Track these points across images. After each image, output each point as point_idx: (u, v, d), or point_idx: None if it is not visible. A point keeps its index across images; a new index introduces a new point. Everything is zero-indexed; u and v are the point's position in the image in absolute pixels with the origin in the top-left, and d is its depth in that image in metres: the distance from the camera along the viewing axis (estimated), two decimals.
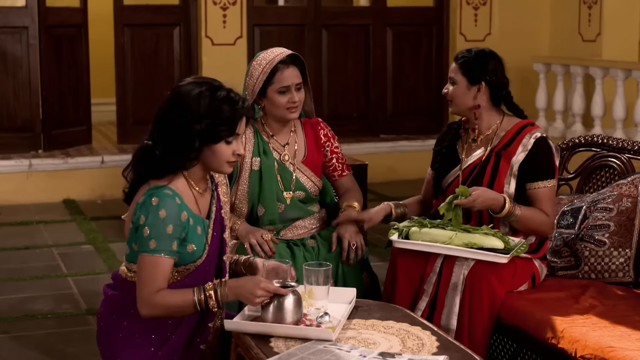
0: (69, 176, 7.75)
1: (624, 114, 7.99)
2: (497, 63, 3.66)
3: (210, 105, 2.87)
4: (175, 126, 2.87)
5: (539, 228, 3.58)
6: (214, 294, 2.86)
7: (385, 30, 9.16)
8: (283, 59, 3.71)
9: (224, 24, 8.47)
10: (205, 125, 2.86)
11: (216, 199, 3.04)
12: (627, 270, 3.65)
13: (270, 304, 2.88)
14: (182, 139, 2.86)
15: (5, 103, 7.93)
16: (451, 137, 3.79)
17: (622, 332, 3.12)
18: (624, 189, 3.75)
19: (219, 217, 3.04)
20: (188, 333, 3.00)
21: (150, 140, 2.91)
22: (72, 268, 5.77)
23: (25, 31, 7.89)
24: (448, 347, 2.77)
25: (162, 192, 2.85)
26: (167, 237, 2.84)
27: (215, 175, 3.08)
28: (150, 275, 2.84)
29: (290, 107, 3.72)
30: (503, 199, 3.51)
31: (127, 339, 2.97)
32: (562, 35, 9.19)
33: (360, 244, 3.72)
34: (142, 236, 2.85)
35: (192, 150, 2.88)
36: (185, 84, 2.94)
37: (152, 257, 2.84)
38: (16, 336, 4.58)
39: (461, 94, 3.65)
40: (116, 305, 3.01)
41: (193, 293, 2.86)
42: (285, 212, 3.79)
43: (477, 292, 3.40)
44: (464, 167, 3.68)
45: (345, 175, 3.94)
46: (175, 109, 2.88)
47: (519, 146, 3.60)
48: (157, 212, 2.83)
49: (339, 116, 8.81)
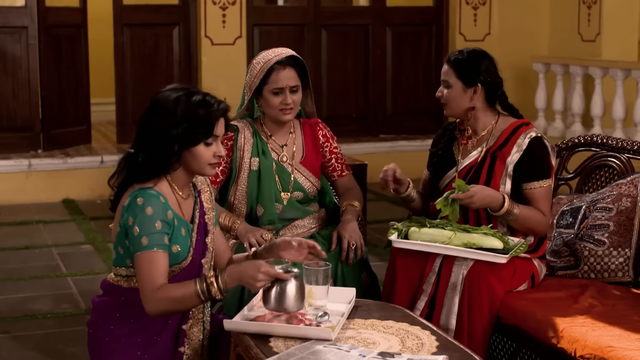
0: (68, 176, 7.75)
1: (623, 114, 7.99)
2: (490, 63, 3.65)
3: (186, 109, 2.92)
4: (155, 132, 2.94)
5: (536, 227, 3.58)
6: (215, 281, 2.87)
7: (384, 30, 9.16)
8: (281, 59, 3.70)
9: (223, 24, 8.47)
10: (182, 130, 2.92)
11: (199, 205, 3.08)
12: (626, 270, 3.65)
13: (272, 289, 2.88)
14: (162, 144, 2.93)
15: (4, 103, 7.93)
16: (447, 139, 3.78)
17: (622, 332, 3.12)
18: (623, 189, 3.75)
19: (203, 222, 3.08)
20: (173, 336, 3.01)
21: (133, 147, 2.98)
22: (72, 268, 5.77)
23: (25, 31, 7.89)
24: (447, 347, 2.77)
25: (146, 192, 2.91)
26: (157, 233, 2.87)
27: (197, 184, 3.12)
28: (149, 272, 2.86)
29: (283, 109, 3.72)
30: (502, 197, 3.51)
31: (114, 343, 2.98)
32: (562, 35, 9.19)
33: (359, 244, 3.72)
34: (133, 236, 2.88)
35: (173, 155, 2.94)
36: (164, 90, 3.00)
37: (146, 254, 2.87)
38: (16, 336, 4.58)
39: (456, 96, 3.64)
40: (103, 310, 3.03)
41: (195, 283, 2.87)
42: (283, 212, 3.79)
43: (477, 292, 3.40)
44: (460, 169, 3.68)
45: (345, 175, 3.94)
46: (154, 115, 2.95)
47: (513, 146, 3.59)
48: (143, 210, 2.87)
49: (338, 116, 8.81)
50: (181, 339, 3.03)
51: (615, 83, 8.02)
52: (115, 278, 3.03)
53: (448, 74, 3.64)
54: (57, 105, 8.09)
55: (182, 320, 3.02)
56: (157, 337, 2.98)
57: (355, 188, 3.94)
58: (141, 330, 2.98)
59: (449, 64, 3.64)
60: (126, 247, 2.96)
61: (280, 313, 2.91)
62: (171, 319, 3.00)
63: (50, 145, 8.05)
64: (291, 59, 3.74)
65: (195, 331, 3.05)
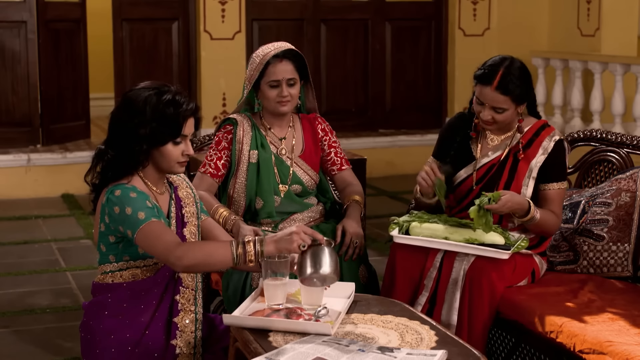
0: (67, 171, 7.75)
1: (622, 109, 8.00)
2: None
3: (155, 109, 2.94)
4: (124, 130, 2.97)
5: (549, 229, 3.58)
6: (253, 244, 2.87)
7: (384, 25, 9.15)
8: (278, 53, 3.71)
9: (222, 19, 8.47)
10: (150, 129, 2.94)
11: (175, 200, 3.10)
12: (625, 265, 3.65)
13: (307, 253, 2.88)
14: (131, 142, 2.96)
15: (3, 98, 7.93)
16: (464, 134, 3.70)
17: (621, 327, 3.12)
18: (622, 184, 3.75)
19: (179, 215, 3.09)
20: (164, 329, 3.01)
21: (104, 143, 3.02)
22: (71, 262, 5.77)
23: (24, 25, 7.88)
24: (447, 342, 2.77)
25: (122, 186, 2.95)
26: (149, 208, 2.90)
27: (175, 180, 3.14)
28: (161, 240, 2.86)
29: (280, 101, 3.73)
30: (528, 204, 3.49)
31: (103, 341, 2.98)
32: (561, 30, 9.19)
33: (360, 243, 3.72)
34: (127, 217, 2.89)
35: (141, 153, 2.96)
36: (136, 88, 3.02)
37: (148, 226, 2.87)
38: (15, 330, 4.58)
39: (510, 116, 3.55)
40: (92, 311, 3.04)
41: (230, 243, 2.88)
42: (281, 205, 3.79)
43: (477, 288, 3.40)
44: (479, 167, 3.65)
45: (345, 170, 3.93)
46: (124, 112, 2.98)
47: (539, 148, 3.58)
48: (127, 195, 2.91)
49: (337, 111, 8.81)
50: (173, 331, 3.03)
51: (615, 78, 8.02)
52: (101, 277, 3.05)
53: (502, 102, 3.48)
54: (56, 100, 8.08)
55: (171, 313, 3.02)
56: (147, 331, 2.98)
57: (356, 182, 3.94)
58: (129, 326, 2.98)
59: (503, 91, 3.46)
60: (109, 243, 2.98)
61: (283, 307, 2.92)
62: (159, 312, 3.00)
63: (50, 140, 8.05)
64: (289, 53, 3.74)
65: (188, 323, 3.04)
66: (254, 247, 2.87)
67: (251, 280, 3.55)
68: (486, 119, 3.53)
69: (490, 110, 3.51)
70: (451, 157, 3.70)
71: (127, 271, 3.02)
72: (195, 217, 3.12)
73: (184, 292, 3.05)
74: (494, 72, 3.48)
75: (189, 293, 3.06)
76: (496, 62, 3.52)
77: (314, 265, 2.88)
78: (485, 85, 3.49)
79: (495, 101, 3.49)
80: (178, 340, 3.02)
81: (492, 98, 3.49)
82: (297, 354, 2.62)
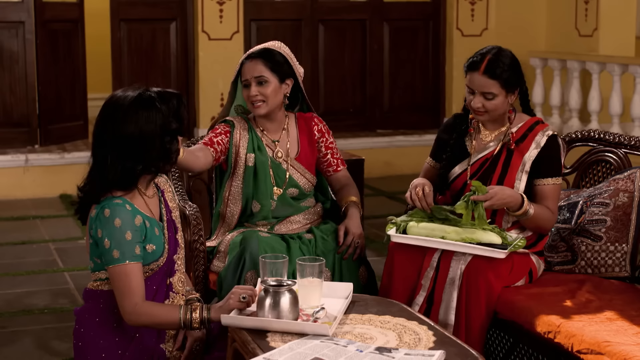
0: (65, 171, 7.74)
1: (620, 109, 8.00)
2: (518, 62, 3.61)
3: (168, 107, 2.98)
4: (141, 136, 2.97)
5: (545, 225, 3.58)
6: (200, 312, 2.92)
7: (382, 25, 9.15)
8: (252, 53, 3.72)
9: (220, 19, 8.46)
10: (175, 126, 3.00)
11: (164, 203, 3.11)
12: (623, 265, 3.65)
13: (265, 301, 2.87)
14: (150, 145, 2.96)
15: (1, 98, 7.92)
16: (459, 132, 3.72)
17: (619, 327, 3.12)
18: (620, 184, 3.76)
19: (170, 219, 3.10)
20: (154, 333, 3.02)
21: (105, 157, 3.04)
22: (69, 263, 5.77)
23: (22, 26, 7.87)
24: (445, 342, 2.77)
25: (112, 202, 2.93)
26: (128, 244, 2.89)
27: (160, 184, 3.14)
28: (125, 286, 2.89)
29: (252, 101, 3.71)
30: (521, 197, 3.49)
31: (93, 346, 2.99)
32: (559, 30, 9.19)
33: (362, 244, 3.72)
34: (104, 249, 2.90)
35: (168, 150, 2.99)
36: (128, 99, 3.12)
37: (120, 267, 2.89)
38: (13, 331, 4.58)
39: (500, 104, 3.56)
40: (83, 318, 3.05)
41: (179, 309, 2.92)
42: (277, 208, 3.78)
43: (474, 287, 3.40)
44: (474, 161, 3.65)
45: (340, 170, 3.92)
46: (137, 121, 2.99)
47: (532, 143, 3.59)
48: (112, 222, 2.89)
49: (335, 111, 8.81)
50: (162, 335, 3.04)
51: (613, 78, 8.03)
52: (95, 284, 3.05)
53: (490, 86, 3.51)
54: (54, 101, 8.08)
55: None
56: (136, 334, 2.99)
57: (351, 183, 3.93)
58: (119, 330, 2.99)
59: (491, 75, 3.50)
60: (99, 255, 2.98)
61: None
62: None
63: (47, 140, 8.04)
64: (263, 52, 3.72)
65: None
66: (200, 314, 2.92)
67: (244, 282, 3.54)
68: (476, 106, 3.55)
69: (480, 97, 3.54)
70: (447, 155, 3.71)
71: None
72: (179, 221, 3.15)
73: (174, 297, 3.06)
74: (482, 58, 3.54)
75: (179, 298, 3.07)
76: (485, 49, 3.60)
77: (271, 313, 2.86)
78: (474, 72, 3.54)
79: (483, 86, 3.51)
80: (167, 344, 3.04)
81: (480, 83, 3.52)
82: (295, 355, 2.62)
